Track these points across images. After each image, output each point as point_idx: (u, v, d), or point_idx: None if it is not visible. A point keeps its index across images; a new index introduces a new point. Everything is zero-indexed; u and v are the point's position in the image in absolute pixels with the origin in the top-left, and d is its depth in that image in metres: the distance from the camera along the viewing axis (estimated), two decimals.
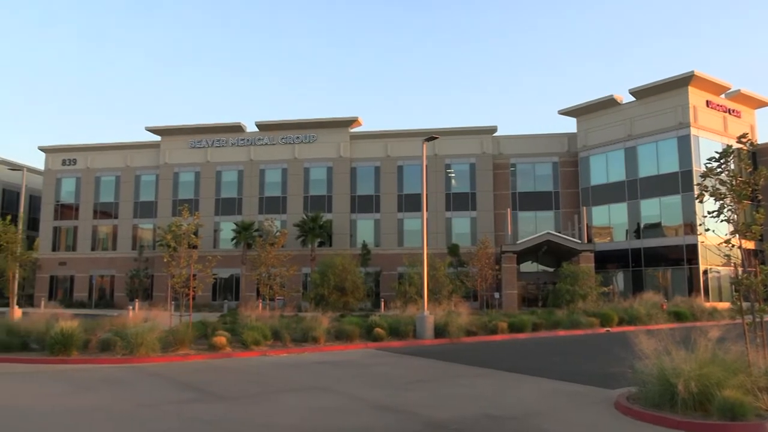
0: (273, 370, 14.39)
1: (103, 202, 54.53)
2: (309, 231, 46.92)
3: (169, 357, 16.06)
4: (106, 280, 53.20)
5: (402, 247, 48.09)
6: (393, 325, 21.68)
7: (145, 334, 15.94)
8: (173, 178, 52.62)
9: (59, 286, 53.85)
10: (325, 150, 50.66)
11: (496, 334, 22.90)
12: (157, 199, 52.79)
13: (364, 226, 50.04)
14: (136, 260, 51.04)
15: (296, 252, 42.49)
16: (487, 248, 39.68)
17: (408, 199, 49.43)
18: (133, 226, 53.53)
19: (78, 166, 54.97)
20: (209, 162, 52.02)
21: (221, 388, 11.74)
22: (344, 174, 50.32)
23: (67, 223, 54.73)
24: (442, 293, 31.41)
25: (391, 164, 50.08)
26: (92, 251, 53.82)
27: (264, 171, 51.43)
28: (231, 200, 51.61)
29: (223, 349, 17.11)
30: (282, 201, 50.91)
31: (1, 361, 15.62)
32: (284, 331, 19.21)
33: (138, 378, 13.03)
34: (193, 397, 10.92)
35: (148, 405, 10.04)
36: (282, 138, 51.30)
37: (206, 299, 45.07)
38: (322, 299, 33.98)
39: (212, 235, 49.69)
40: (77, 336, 15.99)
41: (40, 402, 10.35)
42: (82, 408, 9.81)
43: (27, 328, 17.79)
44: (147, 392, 11.39)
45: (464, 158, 49.54)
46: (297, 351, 18.08)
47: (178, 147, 52.72)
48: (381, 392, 11.28)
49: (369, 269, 45.71)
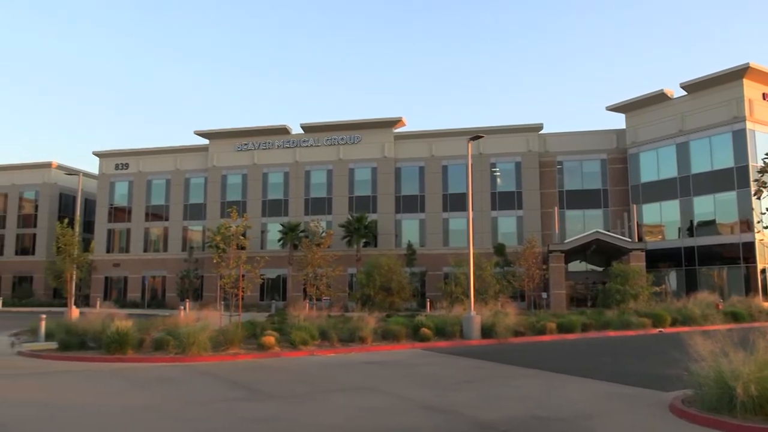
0: (321, 370, 14.53)
1: (154, 204, 55.98)
2: (354, 231, 47.16)
3: (220, 356, 16.39)
4: (157, 281, 54.61)
5: (447, 247, 47.88)
6: (439, 325, 21.61)
7: (196, 334, 16.31)
8: (221, 181, 53.65)
9: (113, 286, 55.55)
10: (370, 150, 50.84)
11: (544, 334, 22.59)
12: (206, 201, 53.89)
13: (409, 226, 50.00)
14: (186, 261, 52.21)
15: (342, 252, 42.76)
16: (534, 248, 39.15)
17: (453, 198, 49.17)
18: (183, 228, 54.79)
19: (130, 170, 56.57)
20: (256, 164, 52.83)
21: (270, 388, 11.92)
22: (389, 174, 50.40)
23: (120, 225, 56.41)
24: (488, 293, 31.14)
25: (435, 164, 49.92)
26: (144, 253, 55.32)
27: (309, 172, 51.95)
28: (277, 202, 52.30)
29: (272, 348, 17.36)
30: (327, 202, 51.33)
31: (62, 359, 16.25)
32: (331, 331, 19.36)
33: (190, 377, 13.33)
34: (244, 395, 11.11)
35: (200, 403, 10.27)
36: (327, 139, 51.71)
37: (254, 299, 45.78)
38: (368, 299, 34.12)
39: (259, 236, 50.43)
40: (132, 335, 16.49)
41: (98, 399, 10.70)
42: (137, 405, 10.10)
43: (84, 327, 18.42)
44: (199, 391, 11.65)
45: (510, 157, 49.00)
46: (344, 351, 18.20)
47: (225, 150, 53.72)
48: (428, 392, 11.26)
49: (414, 269, 45.66)
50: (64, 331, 18.55)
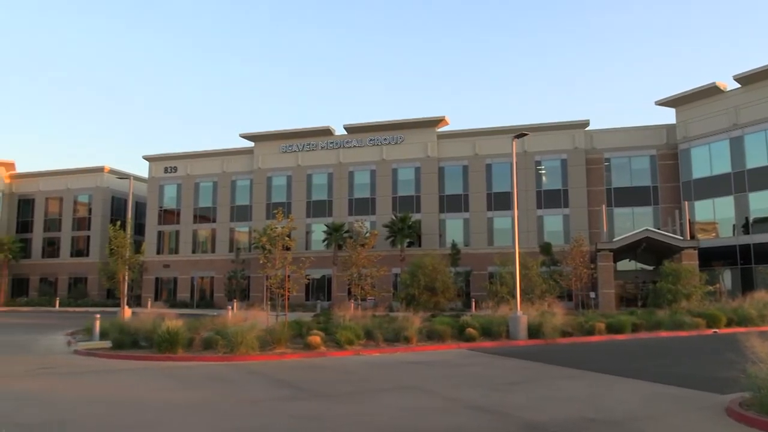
0: (367, 369, 14.57)
1: (201, 206, 57.16)
2: (398, 231, 47.19)
3: (267, 355, 16.61)
4: (206, 281, 55.74)
5: (492, 247, 47.43)
6: (485, 325, 21.43)
7: (244, 334, 16.57)
8: (266, 182, 54.40)
9: (164, 287, 56.97)
10: (413, 150, 50.79)
11: (593, 335, 22.15)
12: (252, 203, 54.73)
13: (453, 225, 49.76)
14: (234, 262, 53.11)
15: (386, 252, 42.83)
16: (581, 246, 38.47)
17: (497, 197, 48.72)
18: (230, 230, 55.78)
19: (179, 173, 57.90)
20: (300, 166, 53.39)
21: (318, 386, 12.01)
22: (432, 174, 50.25)
23: (169, 227, 57.80)
24: (534, 293, 30.72)
25: (479, 163, 49.53)
26: (193, 254, 56.53)
27: (353, 173, 52.21)
28: (321, 202, 52.73)
29: (318, 348, 17.50)
30: (371, 202, 51.49)
31: (115, 357, 16.74)
32: (376, 330, 19.40)
33: (239, 375, 13.55)
34: (291, 394, 11.23)
35: (249, 401, 10.42)
36: (370, 140, 51.89)
37: (300, 299, 46.28)
38: (413, 299, 34.07)
39: (304, 236, 50.93)
40: (182, 335, 16.86)
41: (150, 396, 10.98)
42: (188, 403, 10.32)
43: (136, 327, 18.93)
44: (248, 389, 11.83)
45: (555, 154, 48.26)
46: (389, 351, 18.21)
47: (270, 152, 54.45)
48: (475, 393, 11.17)
49: (459, 269, 45.40)
50: (118, 330, 19.09)
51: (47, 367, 14.86)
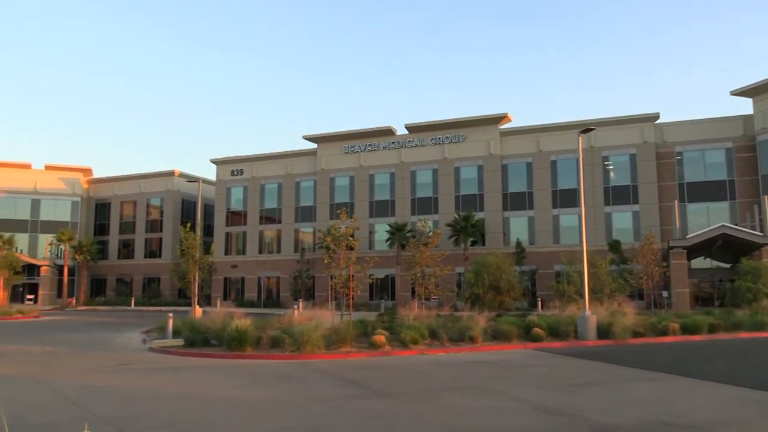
0: (432, 369, 14.51)
1: (267, 208, 58.39)
2: (461, 230, 46.85)
3: (333, 354, 16.80)
4: (272, 281, 56.90)
5: (558, 245, 46.43)
6: (552, 325, 21.00)
7: (310, 333, 16.82)
8: (329, 183, 55.05)
9: (232, 286, 58.50)
10: (475, 148, 50.30)
11: (666, 335, 21.35)
12: (316, 204, 55.49)
13: (518, 223, 49.00)
14: (299, 262, 53.99)
15: (449, 252, 42.58)
16: (652, 244, 37.14)
17: (563, 194, 47.67)
18: (295, 230, 56.73)
19: (245, 175, 59.34)
20: (362, 166, 53.77)
21: (383, 385, 12.04)
22: (495, 172, 49.63)
23: (236, 228, 59.31)
24: (603, 292, 29.87)
25: (543, 159, 48.58)
26: (259, 254, 57.81)
27: (415, 172, 52.16)
28: (384, 202, 52.93)
29: (383, 347, 17.56)
30: (433, 201, 51.32)
31: (187, 355, 17.29)
32: (441, 330, 19.31)
33: (305, 373, 13.74)
34: (357, 393, 11.30)
35: (316, 399, 10.55)
36: (431, 139, 51.72)
37: (364, 299, 46.58)
38: (477, 299, 33.72)
39: (367, 236, 51.25)
40: (250, 333, 17.27)
41: (222, 393, 11.27)
42: (258, 400, 10.54)
43: (207, 325, 19.49)
44: (314, 387, 11.99)
45: (623, 149, 46.77)
46: (454, 350, 18.09)
47: (333, 153, 55.09)
48: (543, 394, 10.94)
49: (524, 268, 44.65)
50: (189, 329, 19.70)
51: (125, 364, 15.51)
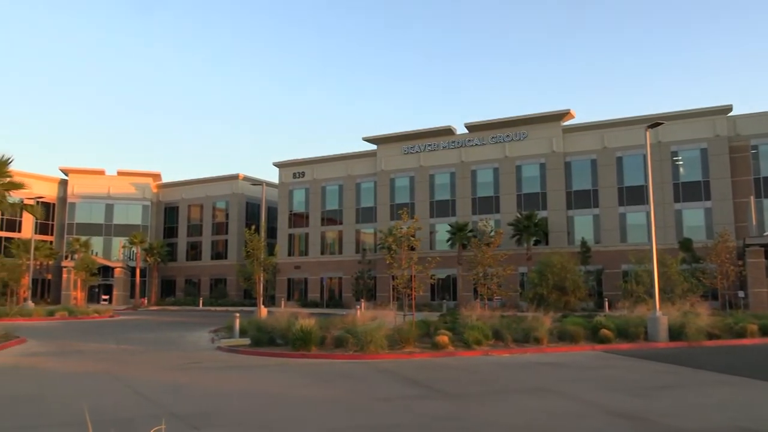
0: (496, 370, 14.34)
1: (328, 209, 59.11)
2: (524, 230, 46.14)
3: (396, 354, 16.82)
4: (334, 282, 57.56)
5: (625, 244, 45.09)
6: (621, 326, 20.38)
7: (373, 333, 16.90)
8: (389, 184, 55.22)
9: (295, 287, 59.49)
10: (537, 146, 49.45)
11: (743, 337, 20.39)
12: (376, 205, 55.78)
13: (582, 222, 47.87)
14: (360, 263, 54.40)
15: (512, 251, 41.97)
16: (726, 242, 35.59)
17: (629, 191, 46.25)
18: (356, 231, 57.20)
19: (306, 178, 60.27)
20: (422, 166, 53.69)
21: (447, 386, 11.97)
22: (558, 170, 48.64)
23: (299, 230, 60.30)
24: (674, 292, 28.78)
25: (608, 156, 47.27)
26: (321, 255, 58.57)
27: (475, 172, 51.71)
28: (444, 202, 52.70)
29: (446, 347, 17.47)
30: (494, 200, 50.75)
31: (254, 354, 17.67)
32: (505, 330, 19.05)
33: (369, 373, 13.81)
34: (422, 393, 11.27)
35: (381, 399, 10.59)
36: (492, 137, 51.16)
37: (425, 299, 46.50)
38: (542, 299, 33.10)
39: (428, 236, 51.12)
40: (315, 333, 17.49)
41: (289, 392, 11.46)
42: (324, 399, 10.66)
43: (272, 325, 19.83)
44: (379, 387, 12.03)
45: (693, 143, 44.99)
46: (519, 351, 17.82)
47: (392, 154, 55.25)
48: (613, 397, 10.63)
49: (589, 267, 43.56)
50: (255, 328, 20.12)
51: (195, 362, 15.98)
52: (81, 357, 17.33)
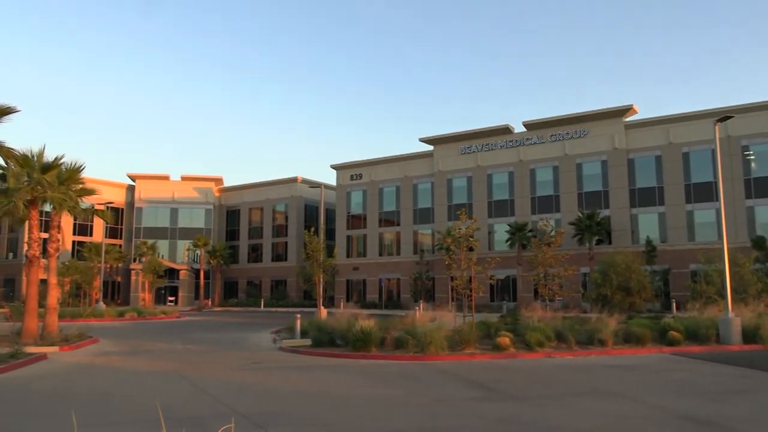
0: (560, 372, 14.04)
1: (386, 210, 59.26)
2: (585, 229, 45.06)
3: (456, 356, 16.70)
4: (392, 283, 57.67)
5: (693, 242, 43.42)
6: (690, 327, 19.63)
7: (433, 334, 16.84)
8: (447, 184, 54.93)
9: (354, 288, 59.92)
10: (598, 143, 48.21)
11: None
12: (434, 205, 55.58)
13: (646, 220, 46.37)
14: (418, 263, 54.32)
15: (573, 251, 41.09)
16: None
17: (697, 188, 44.51)
18: (413, 232, 57.13)
19: (363, 180, 60.62)
20: (480, 166, 53.18)
21: (510, 388, 11.80)
22: (620, 167, 47.28)
23: (357, 231, 60.70)
24: (748, 293, 27.47)
25: (674, 152, 45.63)
26: (379, 256, 58.78)
27: (534, 170, 50.85)
28: (503, 202, 52.04)
29: (507, 349, 17.22)
30: (554, 199, 49.78)
31: (315, 354, 17.88)
32: (568, 332, 18.64)
33: (429, 374, 13.75)
34: (483, 395, 11.14)
35: (442, 400, 10.52)
36: (551, 135, 50.20)
37: (484, 300, 46.02)
38: (605, 300, 32.16)
39: (486, 237, 50.59)
40: (374, 334, 17.57)
41: (350, 392, 11.54)
42: (386, 400, 10.67)
43: (333, 326, 20.03)
44: (439, 388, 11.96)
45: (766, 137, 42.89)
46: (583, 354, 17.41)
47: (449, 154, 54.94)
48: (685, 401, 10.24)
49: (655, 267, 42.12)
50: (316, 329, 20.37)
51: (257, 362, 16.29)
52: (150, 356, 17.93)
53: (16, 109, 16.85)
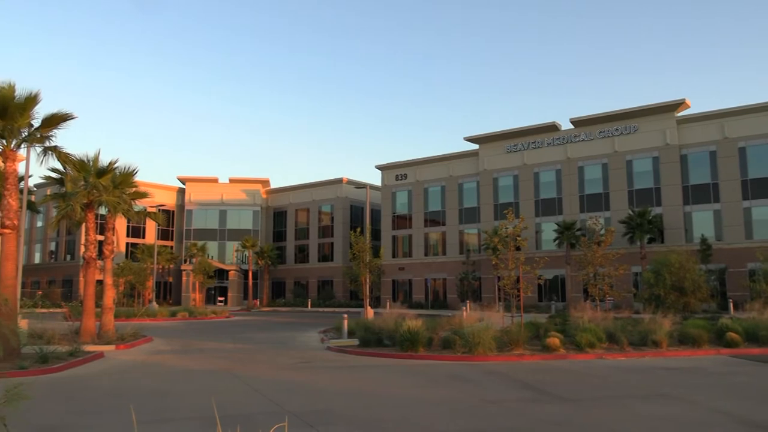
0: (612, 374, 13.72)
1: (431, 210, 59.07)
2: (636, 227, 43.96)
3: (505, 356, 16.51)
4: (438, 283, 57.44)
5: (751, 240, 41.88)
6: (750, 329, 18.94)
7: (481, 334, 16.69)
8: (492, 184, 54.39)
9: (399, 288, 59.92)
10: (649, 139, 46.97)
11: None
12: (479, 205, 55.12)
13: (701, 218, 44.94)
14: (464, 263, 53.97)
15: (624, 250, 40.11)
16: None
17: (755, 184, 42.90)
18: (459, 232, 56.78)
19: (408, 180, 60.57)
20: (526, 164, 52.49)
21: (560, 390, 11.59)
22: (673, 163, 45.95)
23: (402, 232, 60.69)
24: None
25: (729, 146, 44.09)
26: (425, 257, 58.63)
27: (582, 168, 49.89)
28: (550, 200, 51.25)
29: (557, 350, 16.95)
30: (604, 197, 48.73)
31: (362, 354, 17.95)
32: (620, 333, 18.21)
33: (478, 375, 13.63)
34: (534, 396, 10.98)
35: (493, 401, 10.41)
36: (599, 132, 49.17)
37: (532, 300, 45.40)
38: (658, 300, 31.30)
39: (534, 236, 49.89)
40: (422, 334, 17.54)
41: (398, 391, 11.53)
42: (434, 401, 10.62)
43: (380, 326, 20.07)
44: (488, 389, 11.84)
45: None
46: (636, 355, 16.99)
47: (495, 153, 54.39)
48: (746, 405, 9.87)
49: (710, 266, 40.81)
50: (363, 329, 20.44)
51: (306, 362, 16.45)
52: (202, 355, 18.32)
53: (74, 116, 17.38)
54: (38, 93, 16.44)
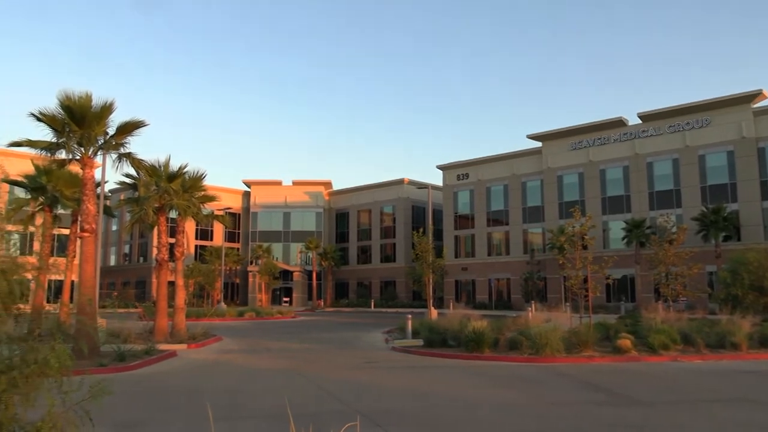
0: (688, 377, 13.20)
1: (494, 210, 58.41)
2: (710, 225, 42.14)
3: (573, 358, 16.12)
4: (502, 283, 56.74)
5: None
6: None
7: (548, 335, 16.37)
8: (557, 182, 53.28)
9: (462, 288, 59.50)
10: (723, 132, 44.96)
11: None
12: (543, 203, 54.11)
13: None
14: (528, 263, 53.09)
15: (697, 249, 38.50)
16: None
17: None
18: (522, 231, 55.92)
19: (470, 179, 60.09)
20: (591, 161, 51.18)
21: (633, 393, 11.23)
22: (749, 157, 43.82)
23: (464, 231, 60.25)
24: None
25: None
26: (488, 256, 58.01)
27: (651, 164, 48.23)
28: (617, 198, 49.78)
29: (629, 352, 16.44)
30: (675, 194, 46.95)
31: (427, 354, 17.92)
32: (695, 335, 17.50)
33: (546, 377, 13.37)
34: (605, 399, 10.68)
35: (562, 404, 10.19)
36: (669, 126, 47.42)
37: (600, 300, 44.20)
38: (736, 300, 29.94)
39: (601, 235, 48.57)
40: (487, 335, 17.35)
41: (463, 392, 11.44)
42: (499, 401, 10.48)
43: (444, 326, 19.99)
44: (558, 391, 11.59)
45: None
46: (713, 358, 16.28)
47: (558, 150, 53.28)
48: None
49: None
50: (427, 329, 20.40)
51: (371, 362, 16.54)
52: (269, 354, 18.70)
53: (146, 123, 18.07)
54: (113, 102, 17.13)
